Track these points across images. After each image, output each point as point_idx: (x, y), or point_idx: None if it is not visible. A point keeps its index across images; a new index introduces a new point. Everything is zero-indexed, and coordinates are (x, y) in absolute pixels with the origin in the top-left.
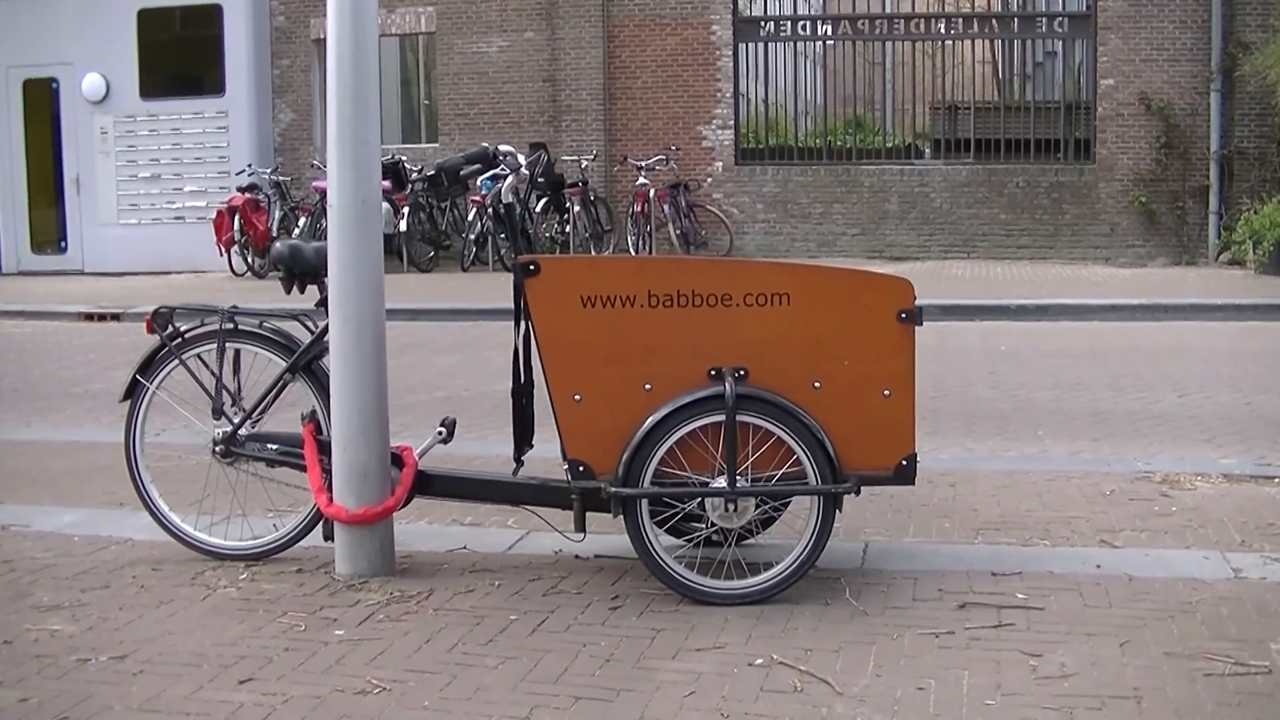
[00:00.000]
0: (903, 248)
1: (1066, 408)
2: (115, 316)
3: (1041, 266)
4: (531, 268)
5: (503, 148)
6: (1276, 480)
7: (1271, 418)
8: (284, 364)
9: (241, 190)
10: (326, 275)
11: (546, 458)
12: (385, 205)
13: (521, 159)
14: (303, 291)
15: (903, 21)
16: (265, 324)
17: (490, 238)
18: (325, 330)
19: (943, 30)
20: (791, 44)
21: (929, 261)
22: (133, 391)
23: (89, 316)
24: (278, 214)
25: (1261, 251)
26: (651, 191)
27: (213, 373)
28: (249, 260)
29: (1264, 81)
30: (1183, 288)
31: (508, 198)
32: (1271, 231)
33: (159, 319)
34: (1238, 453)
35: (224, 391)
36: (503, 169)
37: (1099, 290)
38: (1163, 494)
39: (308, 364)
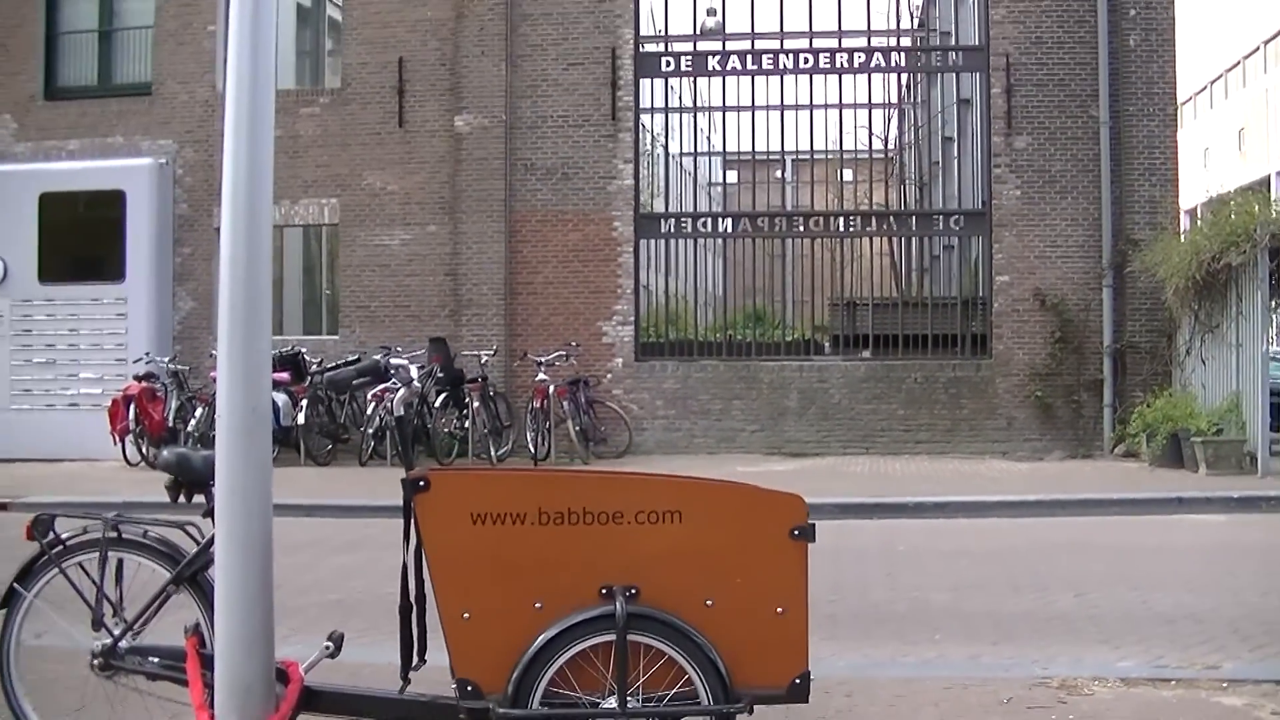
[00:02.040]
0: (802, 444)
1: (964, 609)
2: (3, 506)
3: (940, 462)
4: (421, 484)
5: (394, 360)
6: (1173, 683)
7: (1168, 615)
8: (168, 574)
9: (138, 379)
10: (214, 484)
11: (440, 665)
12: (283, 397)
13: (414, 371)
14: (189, 501)
15: (802, 219)
16: (150, 533)
17: (389, 431)
18: (211, 541)
19: (841, 227)
20: (691, 240)
21: (828, 457)
22: (9, 600)
23: None
24: (174, 403)
25: (1155, 444)
26: (551, 387)
27: (94, 582)
28: (144, 450)
29: (1153, 278)
30: (1079, 482)
31: (399, 411)
32: (1165, 425)
33: (39, 526)
34: (1135, 654)
35: (105, 601)
36: (394, 383)
37: (997, 486)
38: (1060, 700)
39: (193, 575)
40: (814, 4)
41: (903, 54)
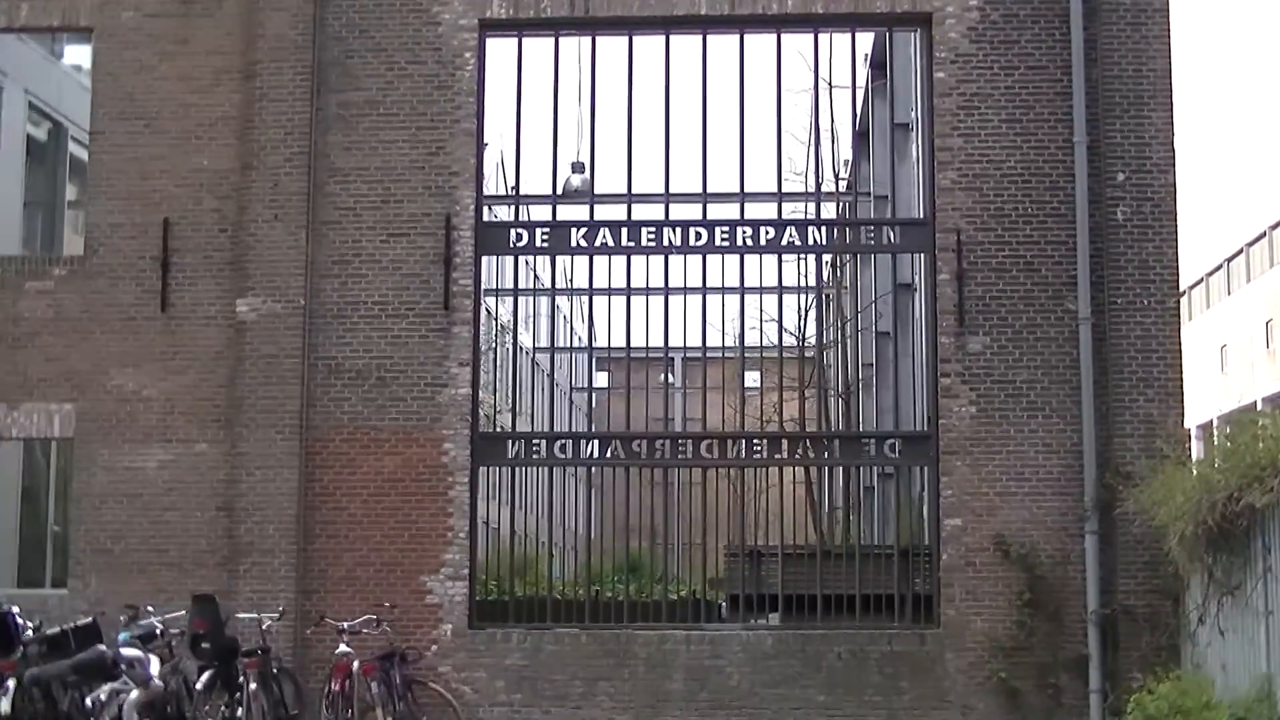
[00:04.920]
0: None
1: None
2: None
3: None
4: None
5: (127, 650)
6: None
7: None
8: None
9: None
10: None
11: None
12: None
13: (155, 667)
14: None
15: (692, 442)
16: None
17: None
18: None
19: (743, 451)
20: (547, 468)
21: None
22: None
23: None
24: None
25: None
26: (356, 663)
27: None
28: None
29: (1152, 521)
30: None
31: (131, 718)
32: (1173, 718)
33: None
34: None
35: None
36: (125, 682)
37: None
38: None
39: None
40: (709, 160)
41: (823, 228)
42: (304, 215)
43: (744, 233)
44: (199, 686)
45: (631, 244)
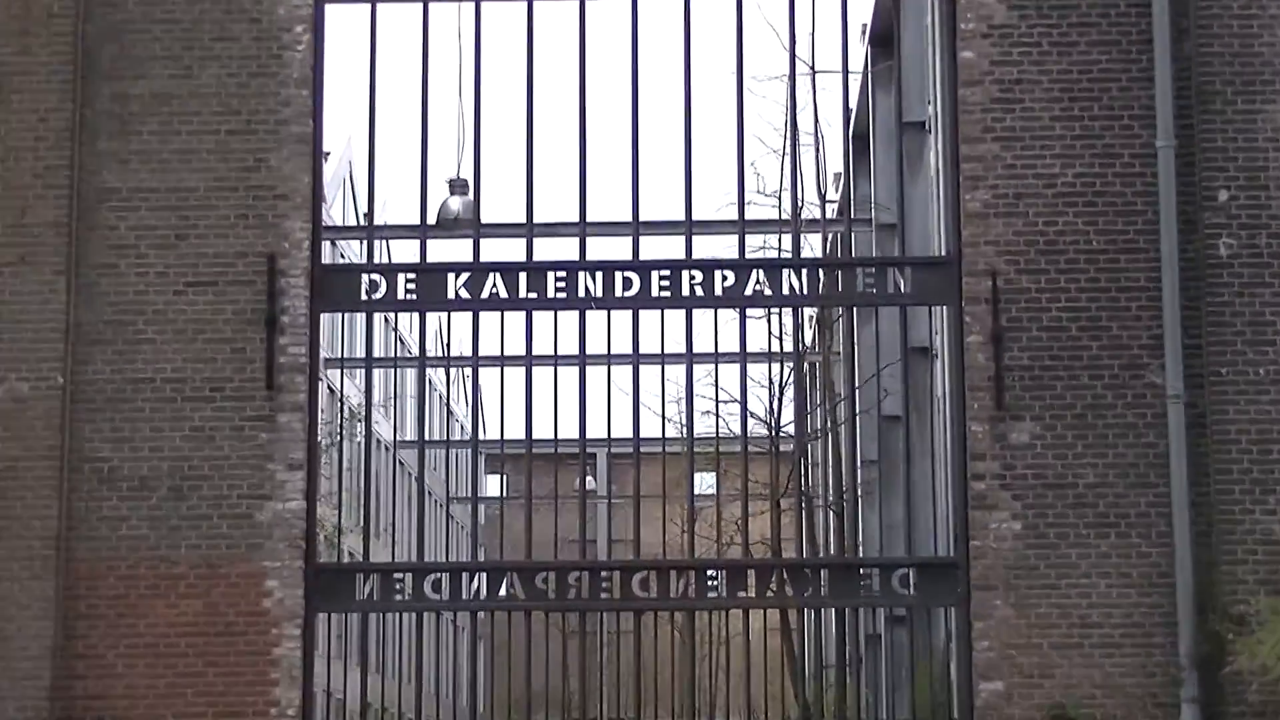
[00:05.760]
0: None
1: None
2: None
3: None
4: None
5: None
6: None
7: None
8: None
9: None
10: None
11: None
12: None
13: None
14: None
15: (619, 575)
16: None
17: None
18: None
19: (692, 588)
20: (414, 614)
21: None
22: None
23: None
24: None
25: None
26: None
27: None
28: None
29: (1276, 685)
30: None
31: None
32: None
33: None
34: None
35: None
36: None
37: None
38: None
39: None
40: (641, 176)
41: (804, 270)
42: (63, 257)
43: (691, 278)
44: None
45: (533, 295)
